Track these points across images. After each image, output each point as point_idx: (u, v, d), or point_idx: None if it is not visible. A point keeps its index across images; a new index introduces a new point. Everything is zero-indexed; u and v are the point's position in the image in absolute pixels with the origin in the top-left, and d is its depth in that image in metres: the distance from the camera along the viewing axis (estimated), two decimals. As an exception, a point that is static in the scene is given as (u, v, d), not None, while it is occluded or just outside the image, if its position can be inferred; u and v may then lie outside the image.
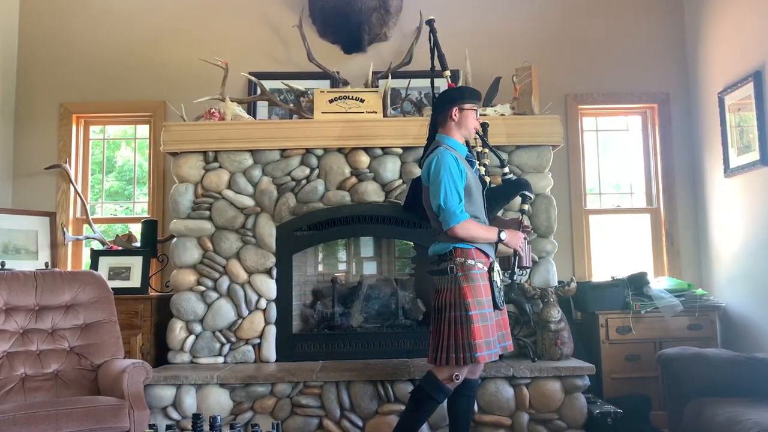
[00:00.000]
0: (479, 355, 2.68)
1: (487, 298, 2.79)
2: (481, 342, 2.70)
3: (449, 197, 2.76)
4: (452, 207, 2.75)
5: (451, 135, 2.95)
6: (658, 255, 4.45)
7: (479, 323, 2.72)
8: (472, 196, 2.86)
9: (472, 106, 2.96)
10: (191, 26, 4.51)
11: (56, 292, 3.32)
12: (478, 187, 2.93)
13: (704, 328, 3.88)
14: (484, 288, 2.79)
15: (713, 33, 4.17)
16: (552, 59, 4.42)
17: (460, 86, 3.17)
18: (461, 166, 2.82)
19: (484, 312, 2.76)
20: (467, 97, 2.95)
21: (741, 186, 3.89)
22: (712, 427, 2.73)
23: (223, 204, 3.83)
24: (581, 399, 3.34)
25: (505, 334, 2.91)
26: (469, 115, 2.94)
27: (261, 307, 3.79)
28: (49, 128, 4.43)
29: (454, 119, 2.93)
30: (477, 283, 2.78)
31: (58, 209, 4.36)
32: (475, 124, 3.00)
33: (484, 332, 2.72)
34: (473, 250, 2.81)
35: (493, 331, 2.78)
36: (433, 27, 3.33)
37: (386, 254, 4.35)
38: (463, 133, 2.97)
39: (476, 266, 2.80)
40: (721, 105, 4.05)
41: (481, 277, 2.80)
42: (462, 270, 2.79)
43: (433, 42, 3.33)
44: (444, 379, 2.80)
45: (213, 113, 3.88)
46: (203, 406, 3.33)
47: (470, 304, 2.73)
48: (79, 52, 4.50)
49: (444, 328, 2.76)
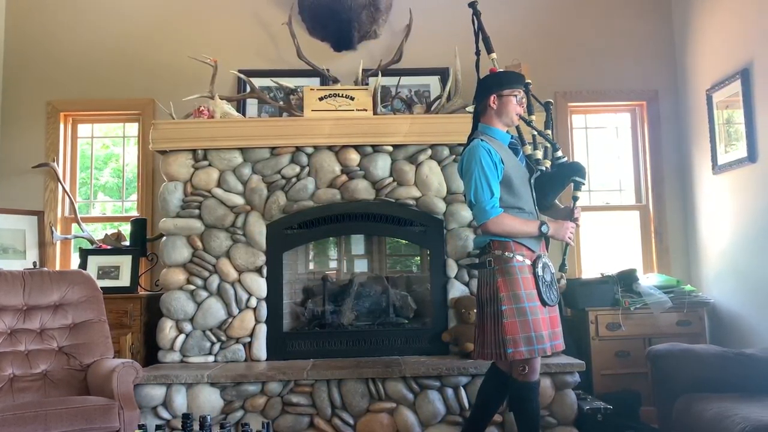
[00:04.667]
0: (511, 351, 2.61)
1: (528, 292, 2.66)
2: (516, 338, 2.61)
3: (479, 192, 2.69)
4: (483, 203, 2.68)
5: (492, 124, 2.84)
6: (647, 252, 4.48)
7: (514, 318, 2.63)
8: (513, 186, 2.75)
9: (512, 91, 2.81)
10: (180, 23, 4.48)
11: (44, 292, 3.29)
12: (522, 176, 2.81)
13: (693, 324, 3.90)
14: (523, 281, 2.67)
15: (701, 31, 4.19)
16: (541, 57, 4.43)
17: (498, 72, 2.97)
18: (496, 158, 2.70)
19: (522, 306, 2.64)
20: (506, 82, 2.82)
21: (729, 183, 3.91)
22: (701, 422, 2.74)
23: (213, 202, 3.81)
24: (571, 395, 3.35)
25: (553, 332, 2.75)
26: (509, 101, 2.80)
27: (251, 306, 3.77)
28: (36, 126, 4.39)
29: (493, 107, 2.82)
30: (515, 277, 2.67)
31: (46, 208, 4.33)
32: (518, 109, 2.83)
33: (522, 327, 2.62)
34: (511, 242, 2.71)
35: (542, 326, 2.65)
36: (476, 9, 3.21)
37: (377, 252, 4.35)
38: (505, 120, 2.84)
39: (514, 259, 2.69)
40: (709, 102, 4.07)
41: (520, 270, 2.69)
42: (498, 263, 2.71)
43: (477, 25, 3.20)
44: (516, 375, 2.75)
45: (202, 111, 3.86)
46: (193, 405, 3.32)
47: (503, 298, 2.65)
48: (67, 49, 4.46)
49: (486, 323, 2.71)
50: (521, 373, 2.73)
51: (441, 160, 3.87)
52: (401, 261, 4.50)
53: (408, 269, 4.43)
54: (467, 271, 3.80)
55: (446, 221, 3.84)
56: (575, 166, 2.89)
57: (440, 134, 3.84)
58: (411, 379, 3.35)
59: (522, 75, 2.91)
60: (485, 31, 3.21)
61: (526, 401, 2.78)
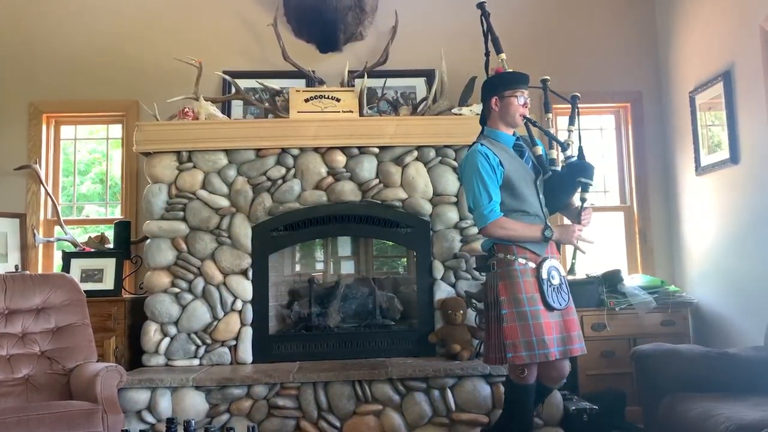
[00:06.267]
0: (511, 356, 2.60)
1: (529, 296, 2.63)
2: (516, 342, 2.59)
3: (477, 198, 2.69)
4: (481, 208, 2.68)
5: (495, 126, 2.83)
6: (632, 252, 4.51)
7: (514, 322, 2.61)
8: (515, 189, 2.72)
9: (513, 92, 2.77)
10: (164, 24, 4.45)
11: (26, 295, 3.25)
12: (527, 178, 2.77)
13: (677, 324, 3.94)
14: (525, 284, 2.65)
15: (684, 33, 4.23)
16: (526, 59, 4.39)
17: (500, 73, 2.93)
18: (494, 161, 2.68)
19: (523, 310, 2.62)
20: (506, 84, 2.79)
21: (712, 184, 3.95)
22: (686, 421, 2.76)
23: (198, 204, 3.79)
24: (557, 396, 3.36)
25: (567, 336, 2.69)
26: (511, 102, 2.77)
27: (237, 309, 3.75)
28: (18, 128, 4.33)
29: (495, 109, 2.80)
30: (516, 280, 2.66)
31: (29, 211, 4.27)
32: (521, 110, 2.79)
33: (522, 332, 2.60)
34: (513, 246, 2.69)
35: (544, 330, 2.60)
36: (485, 10, 3.19)
37: (364, 253, 4.35)
38: (508, 122, 2.81)
39: (516, 262, 2.68)
40: (692, 104, 4.11)
41: (522, 273, 2.66)
42: (501, 266, 2.70)
43: (487, 26, 3.17)
44: (514, 377, 2.76)
45: (187, 112, 3.84)
46: (178, 408, 3.29)
47: (504, 302, 2.64)
48: (50, 49, 4.41)
49: (490, 327, 2.71)
50: (519, 375, 2.73)
51: (427, 162, 3.87)
52: (388, 262, 4.50)
53: (394, 271, 4.42)
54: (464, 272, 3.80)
55: (433, 222, 3.85)
56: (581, 166, 2.79)
57: (426, 136, 3.84)
58: (397, 380, 3.35)
59: (525, 75, 2.85)
60: (494, 31, 3.17)
61: (521, 403, 2.80)
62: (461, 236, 3.83)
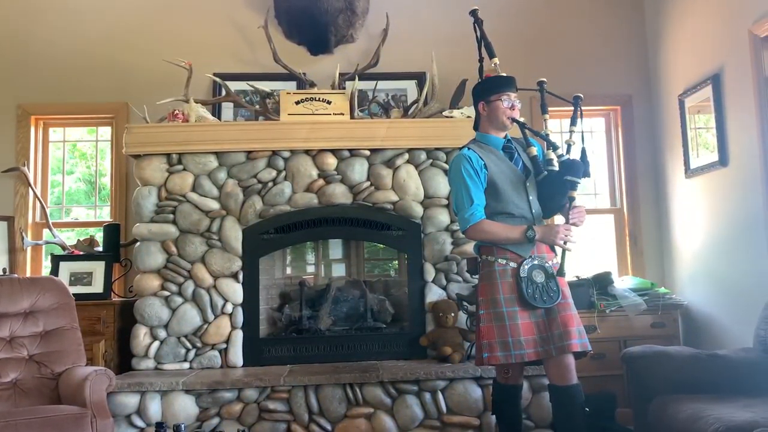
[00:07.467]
0: (487, 356, 2.63)
1: (507, 296, 2.66)
2: (491, 342, 2.63)
3: (459, 201, 2.74)
4: (462, 211, 2.72)
5: (485, 130, 2.87)
6: (622, 254, 4.52)
7: (490, 323, 2.65)
8: (499, 191, 2.74)
9: (499, 96, 2.80)
10: (154, 26, 4.43)
11: (14, 299, 3.22)
12: (513, 180, 2.77)
13: (667, 326, 3.95)
14: (503, 285, 2.68)
15: (674, 37, 4.26)
16: (516, 62, 4.41)
17: (486, 78, 2.97)
18: (478, 165, 2.71)
19: (500, 311, 2.65)
20: (490, 88, 2.83)
21: (701, 186, 3.97)
22: (676, 423, 2.77)
23: (188, 207, 3.77)
24: (546, 397, 3.36)
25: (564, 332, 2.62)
26: (497, 106, 2.80)
27: (227, 312, 3.74)
28: (6, 130, 4.30)
29: (484, 114, 2.85)
30: (494, 281, 2.69)
31: (17, 213, 4.24)
32: (509, 113, 2.80)
33: (498, 332, 2.63)
34: (494, 247, 2.73)
35: (521, 331, 2.62)
36: (477, 17, 3.20)
37: (355, 256, 4.34)
38: (497, 125, 2.83)
39: (496, 263, 2.71)
40: (681, 107, 4.13)
41: (501, 274, 2.69)
42: (483, 267, 2.76)
43: (480, 33, 3.19)
44: (500, 378, 2.82)
45: (176, 115, 3.82)
46: (168, 412, 3.27)
47: (482, 302, 2.71)
48: (38, 51, 4.38)
49: (477, 327, 2.77)
50: (504, 376, 2.78)
51: (418, 165, 3.87)
52: (379, 265, 4.49)
53: (386, 273, 4.42)
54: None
55: (424, 225, 3.84)
56: (569, 164, 2.77)
57: (417, 138, 3.84)
58: (389, 383, 3.34)
59: (510, 78, 2.86)
60: (487, 37, 3.19)
61: (509, 405, 2.83)
62: (452, 239, 3.83)
